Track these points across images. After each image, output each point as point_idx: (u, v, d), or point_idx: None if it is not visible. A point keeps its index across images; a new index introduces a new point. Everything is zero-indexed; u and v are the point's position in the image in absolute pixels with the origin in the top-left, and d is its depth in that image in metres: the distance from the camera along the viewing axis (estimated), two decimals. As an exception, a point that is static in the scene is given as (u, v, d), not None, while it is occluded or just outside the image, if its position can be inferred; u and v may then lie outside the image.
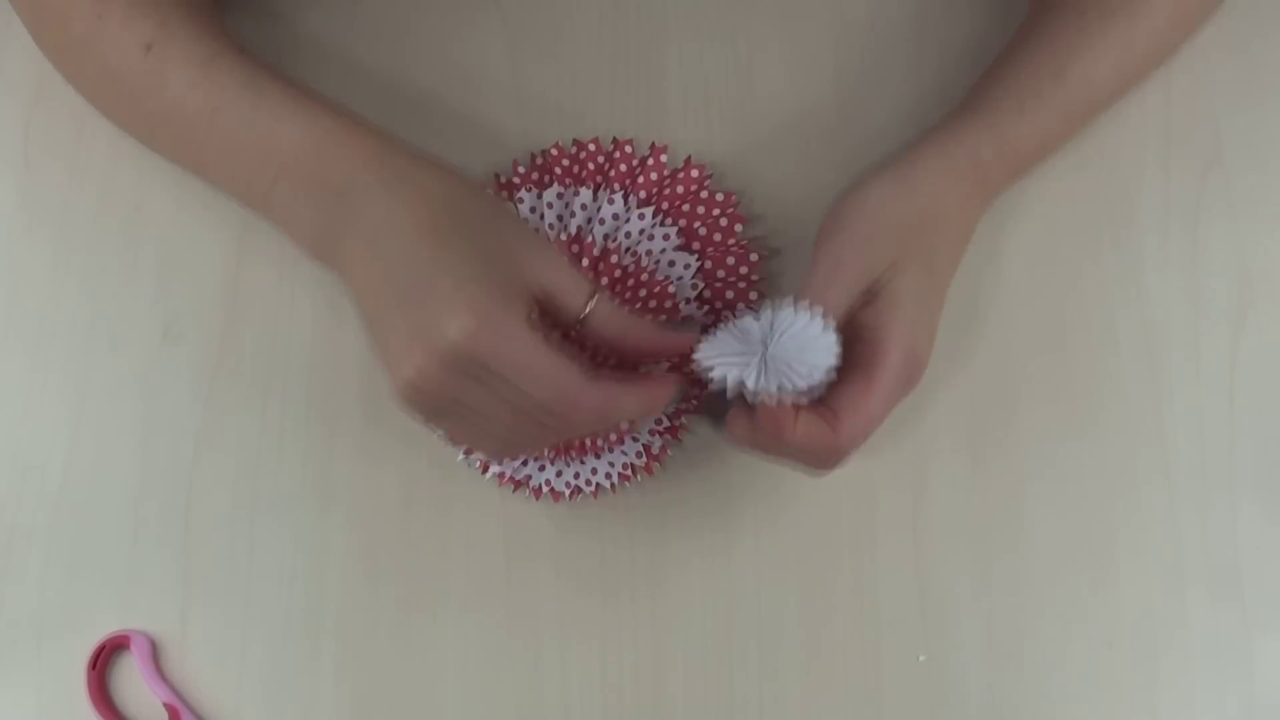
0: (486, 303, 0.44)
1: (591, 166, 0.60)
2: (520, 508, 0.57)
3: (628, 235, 0.58)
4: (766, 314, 0.48)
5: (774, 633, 0.55)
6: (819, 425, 0.47)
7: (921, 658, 0.54)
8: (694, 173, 0.59)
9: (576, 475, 0.56)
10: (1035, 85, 0.55)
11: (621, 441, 0.56)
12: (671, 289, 0.56)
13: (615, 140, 0.60)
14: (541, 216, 0.58)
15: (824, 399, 0.48)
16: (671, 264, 0.57)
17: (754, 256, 0.58)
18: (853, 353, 0.49)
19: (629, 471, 0.56)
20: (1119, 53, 0.56)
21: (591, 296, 0.48)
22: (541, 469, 0.56)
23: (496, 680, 0.55)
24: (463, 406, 0.46)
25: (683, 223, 0.58)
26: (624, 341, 0.49)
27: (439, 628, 0.55)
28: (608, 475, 0.56)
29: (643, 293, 0.56)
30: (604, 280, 0.56)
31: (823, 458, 0.49)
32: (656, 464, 0.56)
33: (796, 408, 0.48)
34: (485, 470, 0.56)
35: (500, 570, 0.56)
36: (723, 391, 0.49)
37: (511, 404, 0.45)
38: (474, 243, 0.46)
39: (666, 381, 0.50)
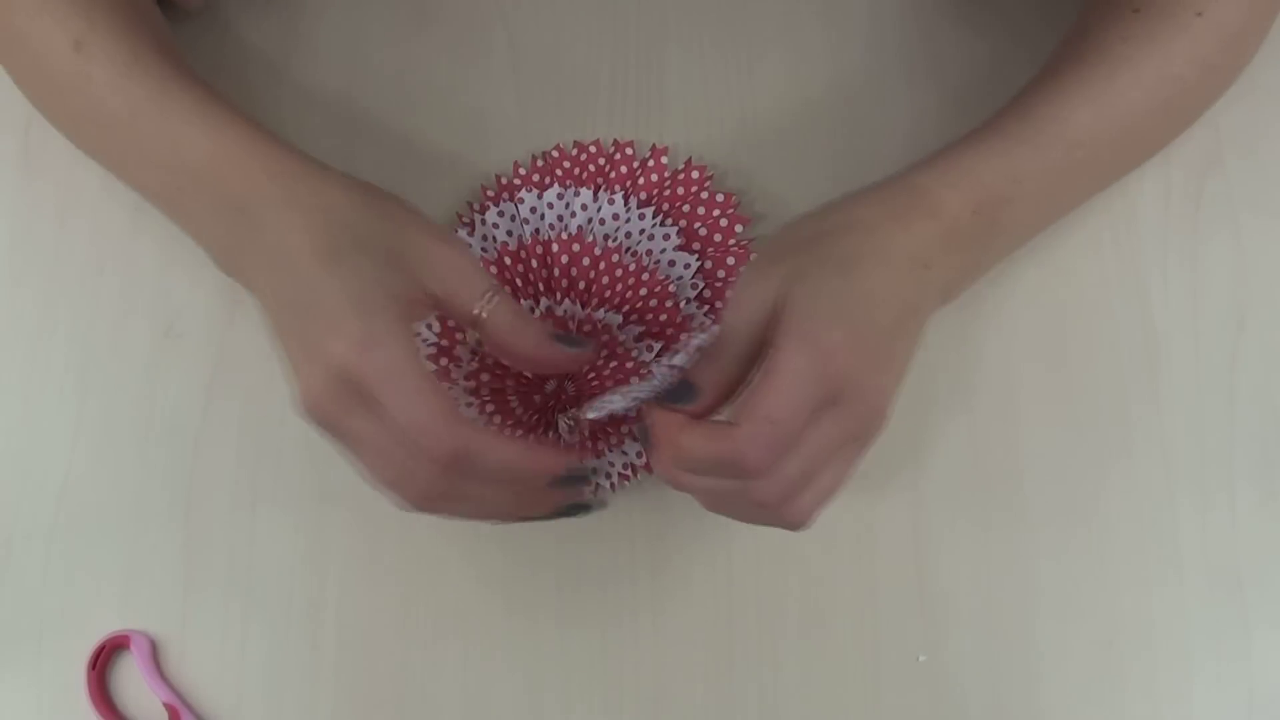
0: (368, 321, 0.44)
1: (593, 168, 0.60)
2: (520, 508, 0.57)
3: (628, 235, 0.58)
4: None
5: (774, 632, 0.55)
6: (718, 429, 0.45)
7: (921, 658, 0.54)
8: (695, 174, 0.59)
9: (577, 475, 0.56)
10: (997, 125, 0.52)
11: (622, 442, 0.56)
12: (672, 289, 0.56)
13: (616, 142, 0.60)
14: (542, 216, 0.58)
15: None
16: (672, 264, 0.57)
17: (754, 257, 0.58)
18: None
19: (629, 471, 0.56)
20: (1102, 99, 0.53)
21: (485, 295, 0.48)
22: (542, 469, 0.56)
23: (497, 679, 0.55)
24: (351, 428, 0.45)
25: (683, 223, 0.59)
26: (516, 345, 0.48)
27: (439, 627, 0.55)
28: (607, 475, 0.56)
29: (643, 292, 0.56)
30: (605, 279, 0.56)
31: (738, 473, 0.45)
32: (657, 464, 0.56)
33: (690, 419, 0.45)
34: (485, 470, 0.56)
35: (500, 569, 0.56)
36: None
37: (387, 429, 0.45)
38: (366, 255, 0.46)
39: (554, 453, 0.48)
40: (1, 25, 0.54)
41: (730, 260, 0.58)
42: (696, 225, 0.59)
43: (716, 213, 0.59)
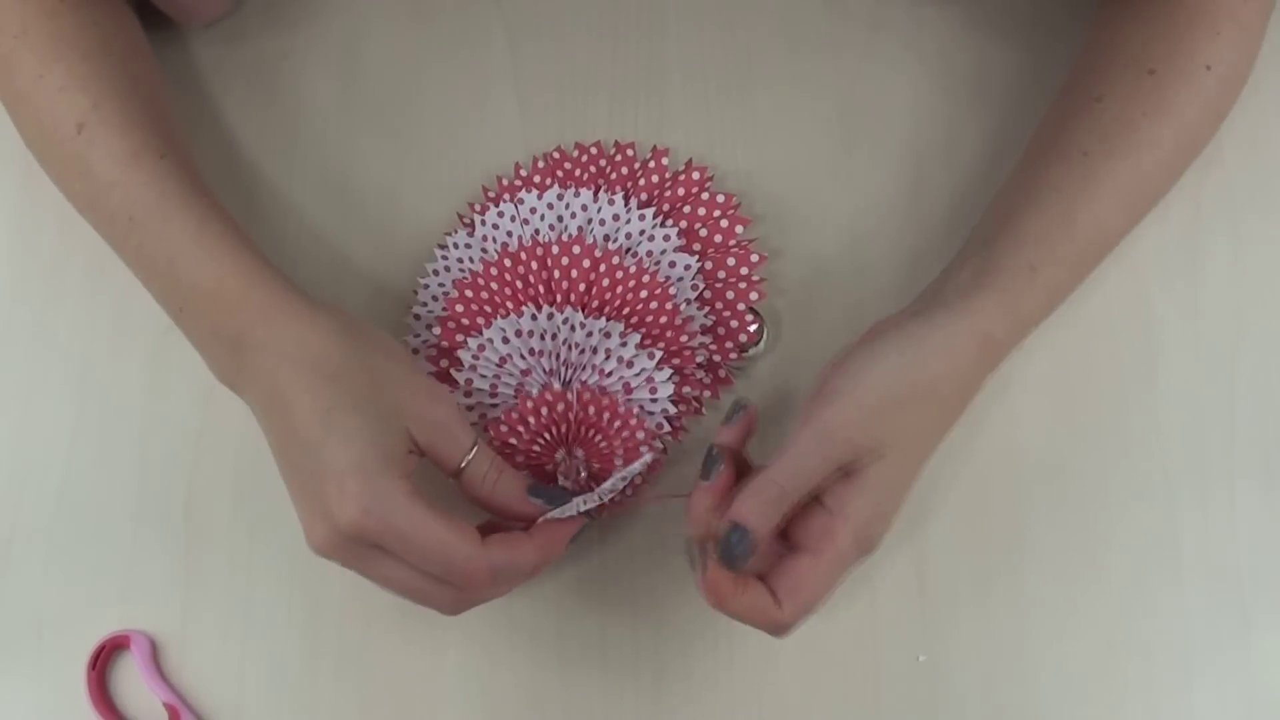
0: (370, 485, 0.46)
1: (593, 169, 0.60)
2: (520, 508, 0.57)
3: (628, 236, 0.58)
4: None
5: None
6: (764, 600, 0.47)
7: (921, 658, 0.54)
8: (695, 175, 0.59)
9: (577, 475, 0.56)
10: (1048, 242, 0.52)
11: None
12: (672, 289, 0.56)
13: (617, 143, 0.60)
14: (542, 217, 0.58)
15: (772, 574, 0.47)
16: (672, 264, 0.57)
17: (755, 257, 0.58)
18: (809, 524, 0.48)
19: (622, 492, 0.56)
20: (1128, 192, 0.53)
21: (469, 451, 0.49)
22: (542, 469, 0.56)
23: (496, 678, 0.55)
24: (367, 570, 0.48)
25: (683, 223, 0.59)
26: (491, 502, 0.50)
27: (439, 626, 0.55)
28: (600, 497, 0.55)
29: (643, 293, 0.56)
30: (605, 281, 0.56)
31: (767, 629, 0.48)
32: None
33: (744, 579, 0.47)
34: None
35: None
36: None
37: (411, 570, 0.47)
38: (359, 415, 0.47)
39: (563, 528, 0.50)
40: (5, 80, 0.54)
41: (730, 260, 0.58)
42: (696, 226, 0.59)
43: (716, 213, 0.59)
